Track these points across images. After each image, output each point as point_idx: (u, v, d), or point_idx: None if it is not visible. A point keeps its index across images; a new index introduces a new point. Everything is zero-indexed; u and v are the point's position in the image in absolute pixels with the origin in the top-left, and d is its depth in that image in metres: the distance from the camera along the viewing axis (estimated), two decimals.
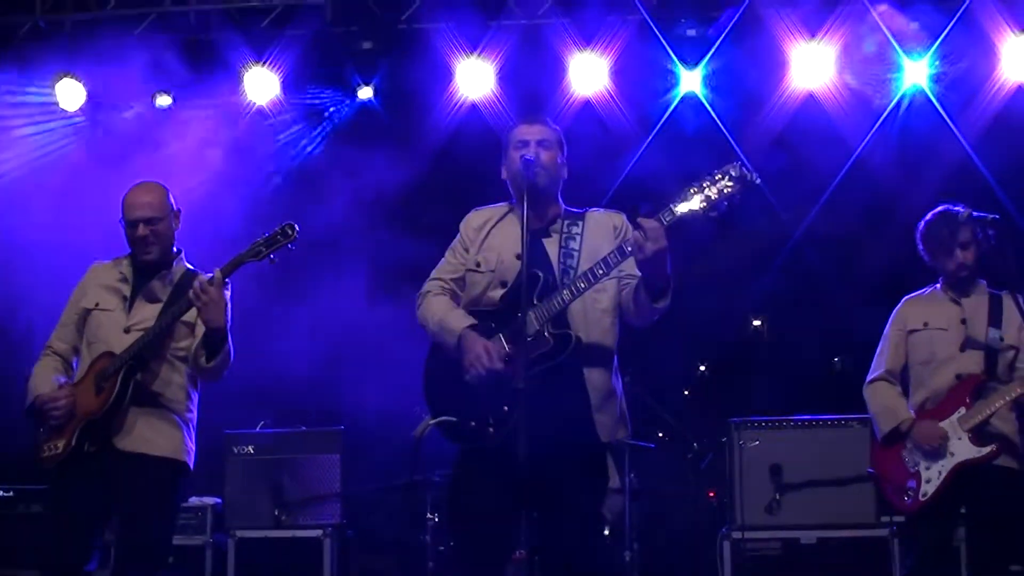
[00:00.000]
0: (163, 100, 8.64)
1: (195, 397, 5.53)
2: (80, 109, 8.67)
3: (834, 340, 8.49)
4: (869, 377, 6.05)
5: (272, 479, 7.66)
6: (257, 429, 7.91)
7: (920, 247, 5.99)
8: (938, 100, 7.95)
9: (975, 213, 5.64)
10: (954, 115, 7.96)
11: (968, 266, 5.84)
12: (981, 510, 5.67)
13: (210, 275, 5.19)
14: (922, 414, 5.80)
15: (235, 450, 7.76)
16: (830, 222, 8.50)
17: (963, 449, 5.65)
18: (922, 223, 5.96)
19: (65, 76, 8.49)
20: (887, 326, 6.08)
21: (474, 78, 8.29)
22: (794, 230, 8.65)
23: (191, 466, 5.48)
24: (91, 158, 8.59)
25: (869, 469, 6.04)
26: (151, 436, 5.32)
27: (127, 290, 5.47)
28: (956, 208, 5.81)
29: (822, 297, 8.68)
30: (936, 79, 7.93)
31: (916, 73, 7.92)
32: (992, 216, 5.55)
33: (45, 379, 5.43)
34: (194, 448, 5.49)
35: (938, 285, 6.01)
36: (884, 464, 5.89)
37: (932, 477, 5.66)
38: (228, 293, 5.31)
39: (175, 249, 5.58)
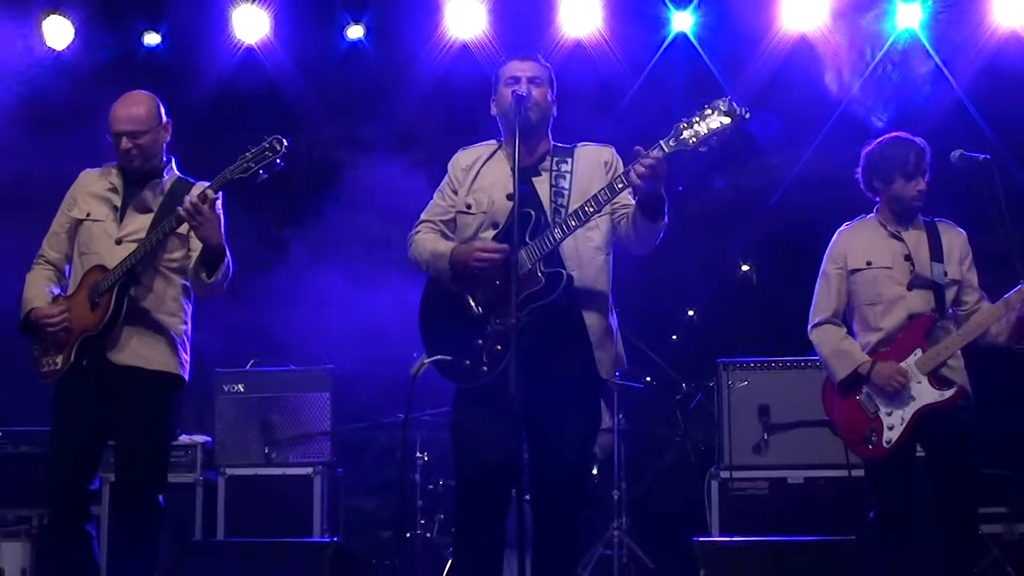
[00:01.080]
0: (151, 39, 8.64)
1: (188, 309, 5.53)
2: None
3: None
4: (815, 320, 5.83)
5: (262, 417, 7.66)
6: (247, 367, 7.91)
7: (868, 172, 5.78)
8: (931, 44, 7.93)
9: (965, 153, 5.61)
10: (947, 59, 7.94)
11: (924, 195, 5.67)
12: (942, 451, 5.55)
13: (200, 191, 5.16)
14: (876, 357, 5.63)
15: (225, 388, 7.75)
16: (821, 166, 8.49)
17: (924, 393, 5.52)
18: (875, 145, 5.76)
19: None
20: (824, 263, 5.87)
21: (464, 17, 8.27)
22: (785, 174, 8.65)
23: (186, 378, 5.49)
24: None
25: (825, 417, 5.89)
26: (145, 351, 5.33)
27: (117, 200, 5.43)
28: (910, 136, 5.71)
29: (812, 242, 8.68)
30: (929, 23, 7.91)
31: (908, 16, 7.91)
32: (983, 156, 5.51)
33: (39, 291, 5.42)
34: (188, 360, 5.50)
35: (873, 215, 5.83)
36: (841, 411, 5.73)
37: (895, 423, 5.53)
38: (220, 205, 5.29)
39: (165, 158, 5.53)
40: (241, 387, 7.77)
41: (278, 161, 5.11)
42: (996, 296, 5.63)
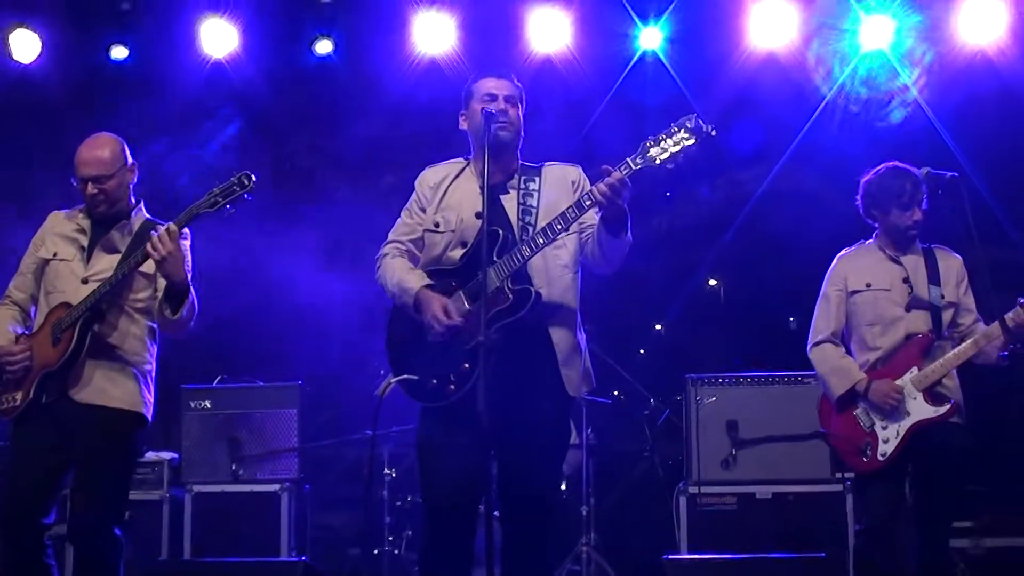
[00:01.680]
0: (119, 52, 8.59)
1: (153, 349, 5.50)
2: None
3: (790, 300, 8.54)
4: (814, 340, 6.00)
5: (229, 434, 7.63)
6: (214, 384, 7.88)
7: (866, 201, 5.91)
8: (898, 62, 7.98)
9: (933, 171, 5.67)
10: (915, 78, 7.98)
11: (919, 226, 5.81)
12: (931, 467, 5.67)
13: (165, 225, 5.14)
14: (873, 375, 5.78)
15: (192, 404, 7.71)
16: (789, 182, 8.54)
17: (919, 409, 5.66)
18: (872, 175, 5.89)
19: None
20: (824, 285, 6.02)
21: (433, 33, 8.27)
22: (753, 189, 8.68)
23: (149, 418, 5.46)
24: None
25: (821, 429, 6.02)
26: (108, 388, 5.30)
27: (85, 240, 5.43)
28: (907, 166, 5.82)
29: (778, 257, 8.72)
30: (896, 40, 7.95)
31: (877, 35, 7.95)
32: (951, 174, 5.57)
33: (2, 330, 5.40)
34: (152, 400, 5.48)
35: (872, 241, 5.97)
36: (838, 425, 5.87)
37: (890, 437, 5.66)
38: (187, 244, 5.28)
39: (133, 200, 5.54)
40: (208, 403, 7.74)
41: (246, 196, 5.09)
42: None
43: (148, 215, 5.56)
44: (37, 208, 5.79)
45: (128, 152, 5.48)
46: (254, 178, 5.10)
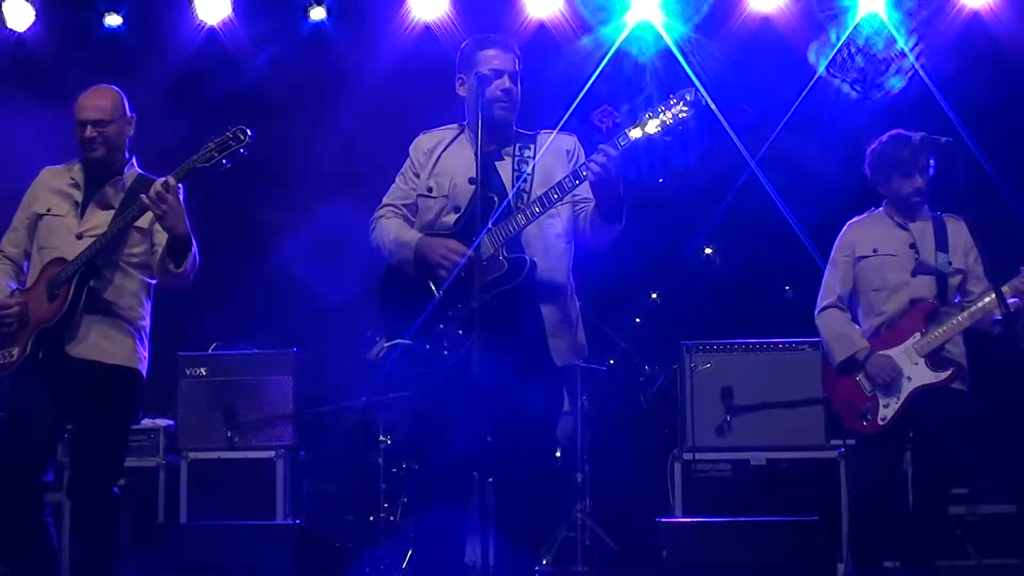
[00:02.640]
0: (112, 20, 8.56)
1: (148, 305, 5.53)
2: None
3: (786, 268, 8.53)
4: (821, 305, 6.07)
5: (225, 401, 7.63)
6: (210, 351, 7.87)
7: (871, 170, 5.99)
8: (895, 27, 7.94)
9: (928, 136, 5.65)
10: (911, 42, 7.95)
11: (922, 191, 5.87)
12: (932, 432, 5.72)
13: (163, 179, 5.15)
14: (877, 340, 5.84)
15: (187, 371, 7.71)
16: (785, 149, 8.50)
17: (920, 374, 5.72)
18: (876, 144, 5.96)
19: None
20: (833, 251, 6.10)
21: None
22: (749, 158, 8.65)
23: (144, 374, 5.49)
24: None
25: (824, 394, 6.07)
26: (104, 344, 5.32)
27: (79, 195, 5.44)
28: (909, 133, 5.84)
29: (774, 226, 8.70)
30: (893, 6, 7.91)
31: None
32: (945, 139, 5.55)
33: None
34: (147, 356, 5.50)
35: (881, 208, 6.04)
36: (839, 389, 5.95)
37: (891, 401, 5.73)
38: (181, 197, 5.27)
39: (127, 155, 5.55)
40: (203, 370, 7.73)
41: (242, 151, 5.12)
42: None
43: (140, 170, 5.56)
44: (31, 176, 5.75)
45: (128, 105, 5.51)
46: (249, 132, 5.12)
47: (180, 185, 5.22)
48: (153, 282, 5.53)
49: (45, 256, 5.37)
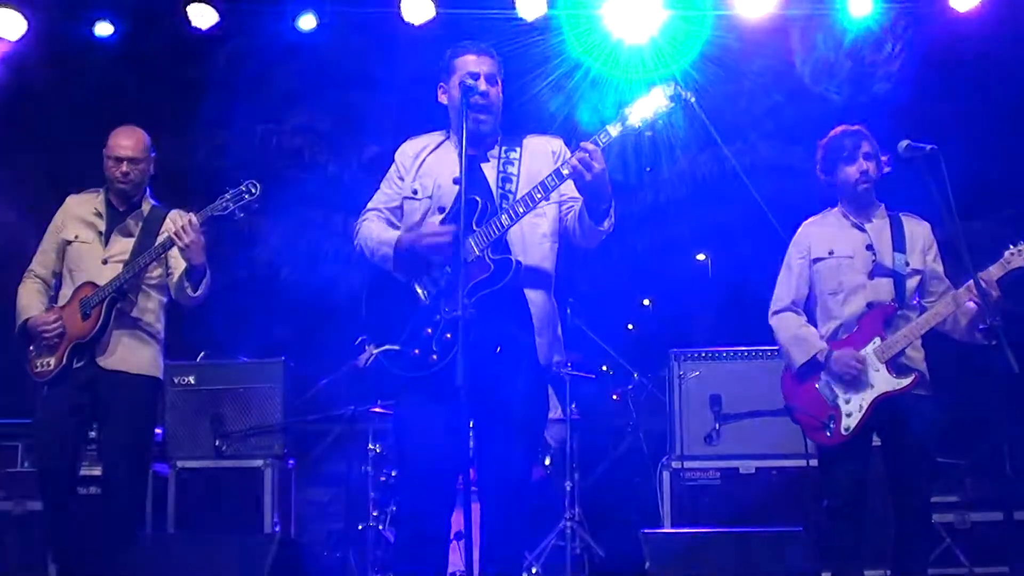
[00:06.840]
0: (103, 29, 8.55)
1: (163, 319, 6.23)
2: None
3: (777, 275, 8.51)
4: (774, 308, 5.92)
5: (213, 409, 7.62)
6: (198, 360, 7.86)
7: (821, 167, 5.89)
8: (883, 34, 7.94)
9: (912, 143, 5.60)
10: (898, 49, 7.95)
11: (870, 178, 5.75)
12: (900, 440, 5.59)
13: (188, 216, 5.82)
14: (835, 344, 5.70)
15: (176, 380, 7.70)
16: (776, 155, 8.51)
17: (882, 381, 5.58)
18: (824, 139, 5.89)
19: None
20: (788, 253, 5.97)
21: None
22: (740, 163, 8.64)
23: (162, 379, 6.24)
24: None
25: (786, 404, 5.91)
26: (130, 356, 6.02)
27: (102, 225, 6.12)
28: (853, 127, 5.82)
29: (766, 231, 8.69)
30: (881, 13, 7.90)
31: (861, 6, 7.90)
32: (930, 146, 5.50)
33: (33, 302, 6.12)
34: (163, 363, 6.21)
35: (836, 207, 5.92)
36: (800, 398, 5.77)
37: (853, 411, 5.59)
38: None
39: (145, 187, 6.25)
40: (192, 379, 7.74)
41: (254, 204, 5.82)
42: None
43: (154, 201, 6.25)
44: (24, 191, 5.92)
45: (151, 146, 6.19)
46: (259, 185, 5.80)
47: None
48: (166, 299, 6.21)
49: (76, 279, 6.06)
